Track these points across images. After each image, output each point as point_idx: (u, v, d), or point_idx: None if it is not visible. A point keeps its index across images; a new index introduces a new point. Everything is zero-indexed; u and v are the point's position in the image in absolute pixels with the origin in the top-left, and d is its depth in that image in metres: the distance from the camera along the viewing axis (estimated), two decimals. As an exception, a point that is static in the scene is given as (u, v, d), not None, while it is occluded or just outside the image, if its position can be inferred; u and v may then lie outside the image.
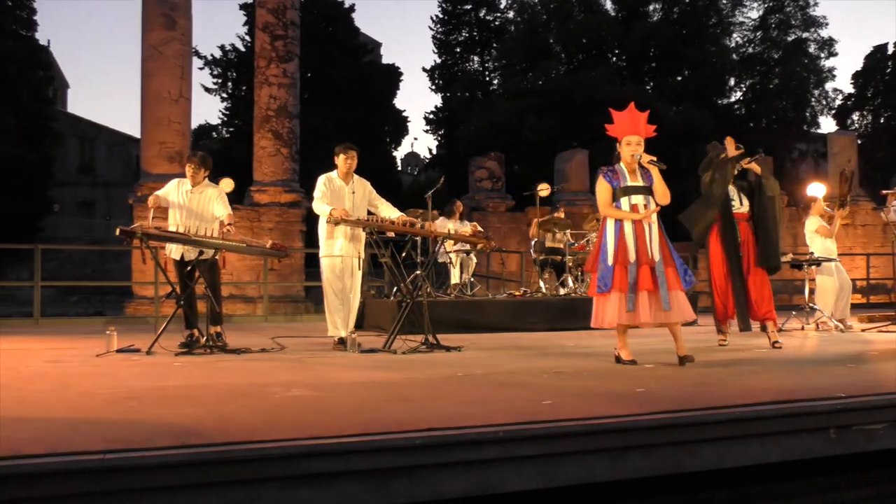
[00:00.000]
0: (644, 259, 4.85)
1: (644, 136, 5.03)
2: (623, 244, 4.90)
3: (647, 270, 4.84)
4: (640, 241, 4.88)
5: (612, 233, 4.95)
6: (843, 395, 3.42)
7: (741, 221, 6.24)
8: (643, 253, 4.86)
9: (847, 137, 18.68)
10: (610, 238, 4.94)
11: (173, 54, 12.48)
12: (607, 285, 4.88)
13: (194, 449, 2.43)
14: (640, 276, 4.83)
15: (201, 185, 6.32)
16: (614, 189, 4.99)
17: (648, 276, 4.83)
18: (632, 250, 4.86)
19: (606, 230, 5.00)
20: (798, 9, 34.27)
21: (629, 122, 5.04)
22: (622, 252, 4.88)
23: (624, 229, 4.93)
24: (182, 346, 6.03)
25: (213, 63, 31.39)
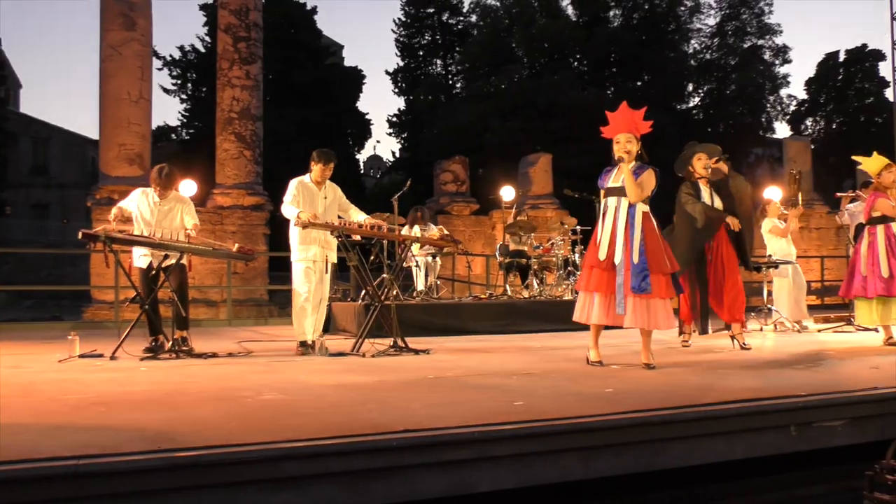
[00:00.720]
0: (608, 263, 4.91)
1: (635, 132, 5.06)
2: (594, 245, 5.03)
3: (607, 274, 4.91)
4: (611, 242, 4.95)
5: (599, 230, 5.08)
6: (803, 393, 3.54)
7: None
8: (609, 255, 4.93)
9: (801, 143, 19.14)
10: (598, 235, 5.09)
11: (133, 55, 12.26)
12: (579, 284, 5.07)
13: (169, 453, 2.42)
14: (605, 279, 4.91)
15: (169, 196, 6.24)
16: (601, 189, 5.16)
17: (606, 279, 4.91)
18: (603, 251, 4.94)
19: (595, 229, 5.15)
20: (753, 16, 35.09)
21: (617, 122, 5.10)
22: (591, 253, 5.02)
23: (597, 230, 5.05)
24: (147, 350, 5.95)
25: (173, 64, 30.95)
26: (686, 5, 35.07)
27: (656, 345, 6.21)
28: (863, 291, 6.31)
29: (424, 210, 10.79)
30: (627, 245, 4.92)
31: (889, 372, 4.46)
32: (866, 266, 6.28)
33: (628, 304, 4.84)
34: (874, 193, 6.47)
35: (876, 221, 6.34)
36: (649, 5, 34.47)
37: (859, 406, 3.53)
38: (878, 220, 6.32)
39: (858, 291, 6.37)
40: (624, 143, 5.01)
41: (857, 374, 4.41)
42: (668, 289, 4.91)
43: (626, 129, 5.04)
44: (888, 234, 6.26)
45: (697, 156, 6.17)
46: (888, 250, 6.19)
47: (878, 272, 6.19)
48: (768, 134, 36.32)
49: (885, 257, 6.18)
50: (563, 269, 10.02)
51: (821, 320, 9.13)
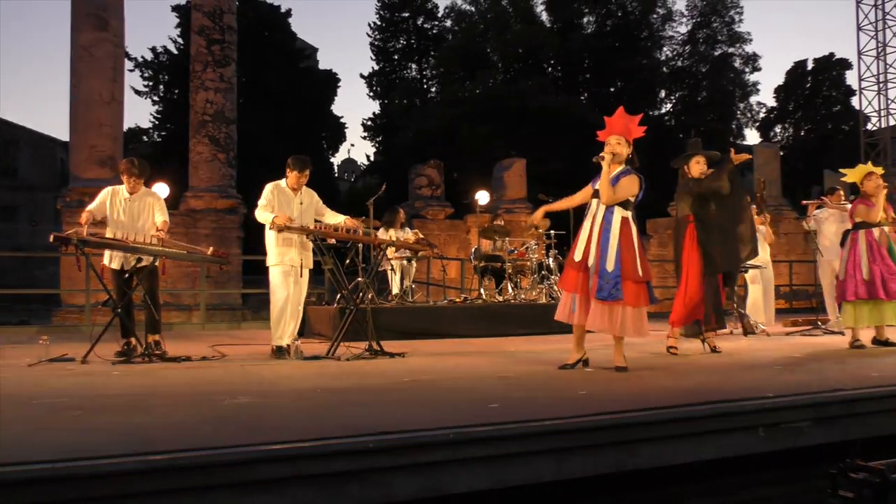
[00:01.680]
0: (582, 265, 4.97)
1: (627, 136, 5.09)
2: (575, 246, 5.07)
3: (580, 275, 4.97)
4: (586, 245, 5.00)
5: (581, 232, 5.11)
6: (771, 394, 3.61)
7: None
8: (583, 257, 4.98)
9: (771, 150, 19.48)
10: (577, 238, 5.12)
11: (105, 56, 12.14)
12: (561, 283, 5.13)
13: (146, 457, 2.42)
14: (579, 280, 4.96)
15: (140, 192, 6.20)
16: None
17: (582, 281, 4.96)
18: (578, 252, 4.99)
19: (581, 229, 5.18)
20: (724, 25, 35.63)
21: (612, 125, 5.15)
22: (571, 253, 5.08)
23: (580, 231, 5.08)
24: (119, 354, 5.89)
25: (144, 65, 30.61)
26: (658, 13, 35.53)
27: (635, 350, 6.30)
28: (843, 295, 6.47)
29: (401, 212, 10.80)
30: (599, 250, 4.94)
31: (853, 373, 4.58)
32: (846, 271, 6.43)
33: (593, 309, 4.89)
34: (857, 200, 6.64)
35: (858, 227, 6.50)
36: (622, 12, 34.86)
37: (824, 407, 3.61)
38: (860, 225, 6.48)
39: (841, 296, 6.53)
40: (613, 144, 5.06)
41: (822, 376, 4.52)
42: (639, 297, 4.89)
43: (618, 132, 5.09)
44: (869, 238, 6.41)
45: (696, 159, 6.21)
46: (869, 254, 6.34)
47: (859, 276, 6.33)
48: (738, 140, 36.83)
49: (867, 261, 6.32)
50: (537, 273, 10.10)
51: (789, 323, 9.29)
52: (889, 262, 6.30)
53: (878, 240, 6.40)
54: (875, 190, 6.52)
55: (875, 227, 6.43)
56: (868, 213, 6.43)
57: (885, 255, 6.32)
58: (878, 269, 6.26)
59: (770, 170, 18.08)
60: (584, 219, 5.13)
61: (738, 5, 35.36)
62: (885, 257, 6.31)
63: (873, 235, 6.40)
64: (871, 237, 6.40)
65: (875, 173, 6.58)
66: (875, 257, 6.30)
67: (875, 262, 6.28)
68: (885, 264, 6.28)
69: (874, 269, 6.27)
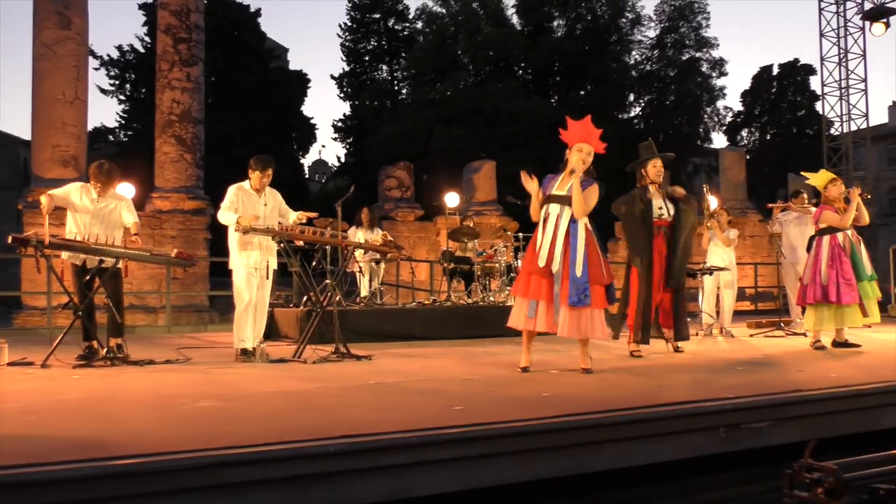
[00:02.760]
0: (546, 271, 4.96)
1: (597, 148, 5.15)
2: (532, 251, 5.06)
3: (545, 281, 4.96)
4: (549, 250, 4.99)
5: (539, 237, 5.06)
6: (731, 395, 3.66)
7: (665, 229, 6.15)
8: (547, 263, 4.97)
9: (737, 153, 19.74)
10: (537, 241, 5.07)
11: (68, 54, 11.93)
12: (518, 292, 5.05)
13: (101, 462, 2.39)
14: (543, 286, 4.97)
15: (108, 194, 6.09)
16: (543, 194, 5.12)
17: (546, 287, 4.96)
18: (542, 258, 4.98)
19: (537, 233, 5.11)
20: (691, 30, 36.04)
21: (583, 132, 5.18)
22: (529, 260, 5.04)
23: (537, 237, 5.05)
24: (80, 358, 5.78)
25: (110, 64, 30.12)
26: (627, 17, 35.84)
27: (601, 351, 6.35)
28: (804, 299, 6.58)
29: (373, 213, 10.76)
30: (567, 256, 4.95)
31: (813, 374, 4.66)
32: (809, 275, 6.55)
33: (562, 315, 4.90)
34: (822, 206, 6.75)
35: (823, 232, 6.62)
36: (592, 16, 35.12)
37: (784, 408, 3.68)
38: (825, 230, 6.60)
39: (802, 299, 6.64)
40: (586, 153, 5.08)
41: (782, 377, 4.59)
42: (603, 299, 5.00)
43: (589, 142, 5.13)
44: (833, 244, 6.53)
45: (653, 162, 6.25)
46: (830, 260, 6.46)
47: (818, 280, 6.45)
48: (706, 144, 37.34)
49: (826, 266, 6.44)
50: (505, 276, 10.13)
51: (753, 325, 9.43)
52: (847, 268, 6.42)
53: (841, 244, 6.52)
54: (839, 196, 6.65)
55: (840, 233, 6.55)
56: (841, 220, 6.56)
57: (845, 261, 6.45)
58: (834, 273, 6.39)
59: (735, 173, 18.34)
60: (541, 224, 5.08)
61: (706, 10, 35.82)
62: (844, 263, 6.43)
63: (837, 240, 6.53)
64: (836, 242, 6.53)
65: (839, 180, 6.72)
66: (834, 262, 6.42)
67: (833, 267, 6.41)
68: (843, 270, 6.40)
69: (831, 273, 6.39)
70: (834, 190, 6.66)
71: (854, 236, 6.84)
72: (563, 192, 5.07)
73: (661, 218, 6.14)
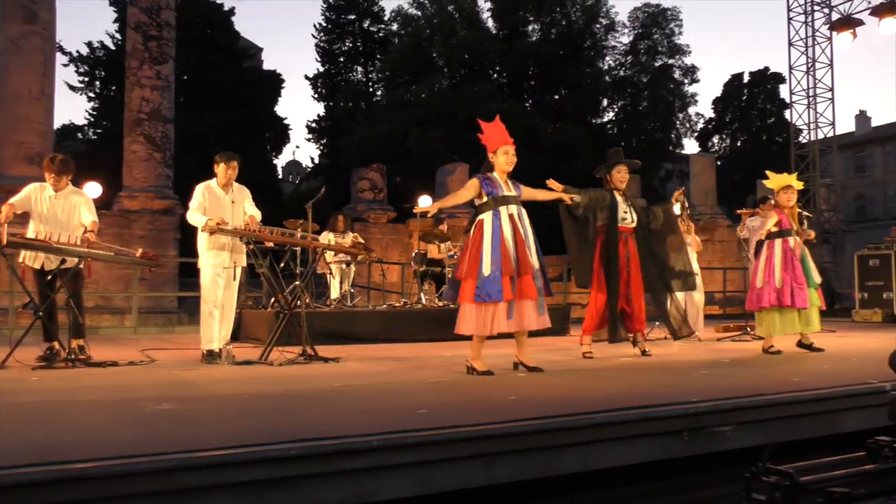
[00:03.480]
0: (527, 269, 5.00)
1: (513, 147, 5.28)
2: (506, 254, 4.98)
3: (529, 280, 5.00)
4: (521, 249, 5.02)
5: (489, 241, 4.97)
6: (695, 399, 3.69)
7: (628, 236, 6.24)
8: (525, 262, 5.00)
9: (707, 159, 19.99)
10: (488, 246, 4.96)
11: (34, 49, 11.73)
12: (491, 296, 4.90)
13: (56, 466, 2.33)
14: (524, 286, 4.98)
15: (66, 190, 5.99)
16: (491, 197, 5.10)
17: (532, 285, 5.00)
18: (513, 259, 4.98)
19: (484, 238, 5.00)
20: (664, 36, 36.44)
21: (502, 132, 5.24)
22: (506, 263, 4.95)
23: (504, 238, 5.01)
24: (40, 359, 5.68)
25: (80, 60, 29.67)
26: (601, 23, 36.14)
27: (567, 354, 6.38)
28: (759, 302, 6.63)
29: (345, 216, 10.71)
30: (535, 251, 5.12)
31: (776, 378, 4.71)
32: (762, 278, 6.60)
33: (527, 309, 5.00)
34: (772, 210, 6.83)
35: (773, 236, 6.68)
36: (567, 21, 35.35)
37: (746, 411, 3.71)
38: (776, 234, 6.67)
39: (756, 303, 6.69)
40: (512, 154, 5.23)
41: (746, 381, 4.63)
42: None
43: (510, 142, 5.26)
44: (785, 247, 6.60)
45: (618, 168, 6.32)
46: (783, 264, 6.53)
47: (772, 283, 6.51)
48: (678, 150, 37.76)
49: (780, 270, 6.51)
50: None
51: (721, 329, 9.53)
52: (799, 272, 6.51)
53: (792, 248, 6.60)
54: (788, 203, 6.73)
55: (790, 237, 6.63)
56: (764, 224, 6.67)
57: (798, 265, 6.53)
58: (788, 277, 6.47)
59: (706, 178, 18.56)
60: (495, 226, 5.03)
61: (678, 18, 36.26)
62: (796, 267, 6.52)
63: (789, 244, 6.61)
64: (787, 246, 6.60)
65: (793, 188, 6.78)
66: (787, 266, 6.51)
67: (786, 271, 6.49)
68: (795, 274, 6.49)
69: (785, 276, 6.47)
70: (784, 196, 6.73)
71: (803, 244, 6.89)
72: (512, 192, 5.16)
73: (623, 223, 6.21)
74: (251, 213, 6.09)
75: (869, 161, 45.35)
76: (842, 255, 19.15)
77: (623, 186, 6.30)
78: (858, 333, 9.45)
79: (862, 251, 13.08)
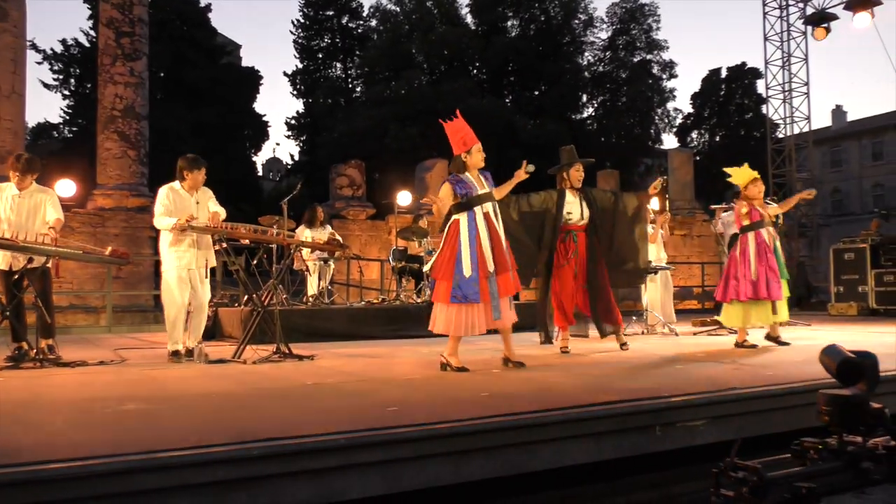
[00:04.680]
0: (504, 266, 4.99)
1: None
2: (482, 254, 4.94)
3: (507, 276, 5.00)
4: (497, 247, 5.00)
5: (467, 242, 4.94)
6: (667, 394, 3.67)
7: (580, 233, 6.24)
8: (502, 260, 4.99)
9: (685, 154, 20.08)
10: (465, 247, 4.92)
11: (4, 47, 11.54)
12: (468, 297, 4.86)
13: (8, 469, 2.26)
14: (503, 282, 4.98)
15: (30, 189, 5.87)
16: (463, 198, 5.05)
17: (509, 281, 5.01)
18: (489, 260, 4.95)
19: (461, 239, 4.95)
20: (642, 32, 36.58)
21: (470, 131, 5.21)
22: (482, 263, 4.92)
23: (480, 238, 4.96)
24: (9, 359, 5.57)
25: (54, 58, 29.29)
26: (580, 19, 36.21)
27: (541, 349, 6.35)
28: (735, 295, 6.64)
29: (320, 211, 10.61)
30: (507, 247, 5.13)
31: (749, 372, 4.71)
32: (739, 270, 6.61)
33: (504, 305, 4.98)
34: (738, 203, 6.84)
35: (746, 229, 6.70)
36: (545, 17, 35.38)
37: (719, 406, 3.69)
38: (748, 227, 6.68)
39: (731, 295, 6.70)
40: (481, 151, 5.20)
41: (718, 375, 4.63)
42: None
43: (477, 141, 5.23)
44: (759, 240, 6.61)
45: (576, 167, 6.31)
46: (758, 256, 6.54)
47: (748, 276, 6.53)
48: (657, 145, 37.93)
49: (755, 262, 6.53)
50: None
51: (698, 323, 9.55)
52: (773, 262, 6.54)
53: (766, 241, 6.63)
54: (758, 195, 6.75)
55: (764, 229, 6.65)
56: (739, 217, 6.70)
57: (771, 257, 6.56)
58: (762, 269, 6.49)
59: (683, 173, 18.64)
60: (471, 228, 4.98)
61: (656, 13, 36.41)
62: (770, 259, 6.54)
63: (762, 237, 6.63)
64: (761, 238, 6.62)
65: (759, 179, 6.81)
66: (762, 258, 6.53)
67: (761, 263, 6.51)
68: (769, 265, 6.51)
69: (759, 269, 6.50)
70: (754, 189, 6.75)
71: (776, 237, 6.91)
72: (486, 189, 5.14)
73: (567, 223, 6.20)
74: (214, 209, 6.00)
75: (845, 155, 45.89)
76: (818, 248, 19.31)
77: (579, 185, 6.30)
78: (833, 327, 9.52)
79: (837, 245, 13.18)
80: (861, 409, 2.40)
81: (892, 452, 2.33)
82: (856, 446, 2.33)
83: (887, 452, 2.32)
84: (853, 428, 2.39)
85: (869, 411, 2.41)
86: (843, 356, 2.54)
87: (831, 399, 2.43)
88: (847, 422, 2.40)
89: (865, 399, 2.43)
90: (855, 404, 2.41)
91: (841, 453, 2.34)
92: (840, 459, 2.32)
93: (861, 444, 2.34)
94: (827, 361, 2.59)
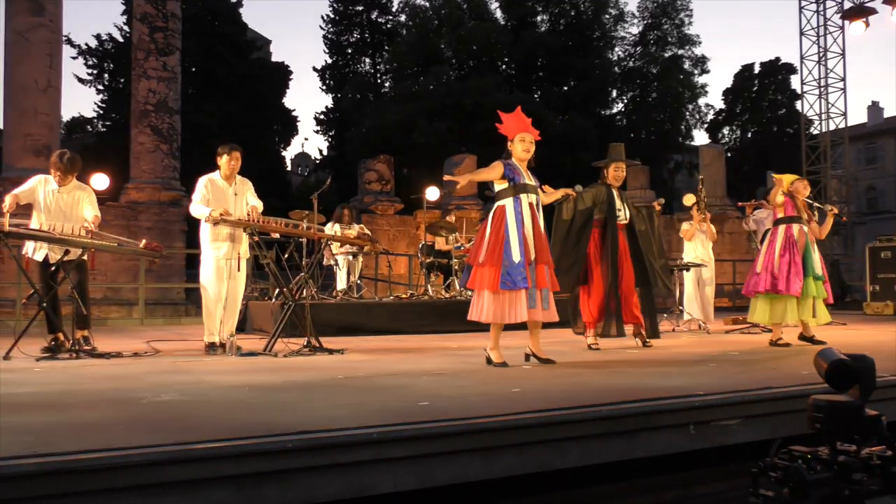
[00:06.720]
0: (543, 258, 4.98)
1: (535, 136, 5.16)
2: (526, 241, 4.92)
3: (543, 270, 4.98)
4: (539, 239, 4.99)
5: (515, 227, 4.92)
6: (702, 392, 3.62)
7: (621, 231, 6.26)
8: (543, 251, 4.99)
9: (716, 150, 19.83)
10: (514, 232, 4.90)
11: (41, 41, 11.74)
12: (516, 284, 4.82)
13: (46, 458, 2.29)
14: (541, 274, 4.96)
15: (69, 185, 5.96)
16: (512, 183, 5.01)
17: (544, 275, 4.98)
18: (532, 248, 4.94)
19: (507, 224, 4.93)
20: (674, 27, 36.17)
21: (521, 121, 5.16)
22: (527, 250, 4.91)
23: (525, 225, 4.95)
24: (45, 350, 5.67)
25: (89, 52, 29.75)
26: (610, 13, 35.89)
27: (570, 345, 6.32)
28: (755, 287, 6.55)
29: (350, 209, 10.69)
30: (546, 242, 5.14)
31: (784, 372, 4.64)
32: (762, 264, 6.52)
33: (547, 299, 4.97)
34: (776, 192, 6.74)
35: (779, 222, 6.61)
36: (575, 12, 35.14)
37: (753, 405, 3.64)
38: (781, 220, 6.60)
39: (751, 288, 6.61)
40: (529, 142, 5.11)
41: (753, 374, 4.56)
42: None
43: (529, 130, 5.15)
44: (788, 233, 6.51)
45: (616, 164, 6.30)
46: (783, 249, 6.43)
47: (770, 268, 6.43)
48: (687, 141, 37.50)
49: (779, 255, 6.42)
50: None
51: (730, 321, 9.43)
52: (798, 259, 6.40)
53: (796, 236, 6.49)
54: (803, 191, 6.65)
55: (796, 225, 6.53)
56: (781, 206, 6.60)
57: (797, 253, 6.42)
58: (785, 263, 6.37)
59: (715, 170, 18.41)
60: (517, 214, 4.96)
61: (688, 8, 35.98)
62: (795, 254, 6.41)
63: (792, 231, 6.51)
64: (790, 232, 6.50)
65: (805, 179, 6.76)
66: (786, 252, 6.41)
67: (784, 256, 6.39)
68: (794, 261, 6.39)
69: (782, 262, 6.38)
70: (799, 185, 6.68)
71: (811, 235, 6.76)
72: (532, 181, 5.11)
73: (618, 219, 6.24)
74: (253, 203, 6.06)
75: (881, 152, 44.95)
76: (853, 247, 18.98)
77: (618, 183, 6.31)
78: (869, 326, 9.35)
79: (873, 243, 12.93)
80: (855, 416, 2.24)
81: (887, 463, 2.19)
82: (848, 456, 2.20)
83: (882, 463, 2.18)
84: (846, 436, 2.25)
85: (863, 418, 2.25)
86: (836, 358, 2.38)
87: (823, 405, 2.27)
88: (840, 430, 2.24)
89: (860, 405, 2.27)
90: (848, 411, 2.25)
91: (831, 463, 2.19)
92: (830, 470, 2.18)
93: (854, 453, 2.21)
94: (819, 364, 2.42)
